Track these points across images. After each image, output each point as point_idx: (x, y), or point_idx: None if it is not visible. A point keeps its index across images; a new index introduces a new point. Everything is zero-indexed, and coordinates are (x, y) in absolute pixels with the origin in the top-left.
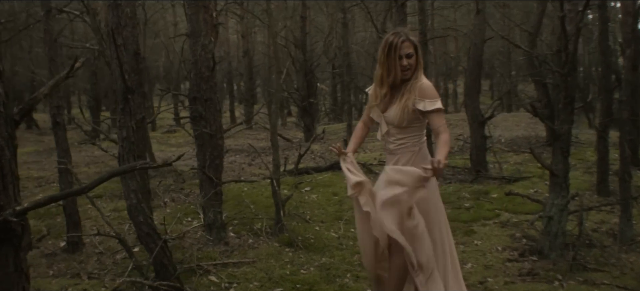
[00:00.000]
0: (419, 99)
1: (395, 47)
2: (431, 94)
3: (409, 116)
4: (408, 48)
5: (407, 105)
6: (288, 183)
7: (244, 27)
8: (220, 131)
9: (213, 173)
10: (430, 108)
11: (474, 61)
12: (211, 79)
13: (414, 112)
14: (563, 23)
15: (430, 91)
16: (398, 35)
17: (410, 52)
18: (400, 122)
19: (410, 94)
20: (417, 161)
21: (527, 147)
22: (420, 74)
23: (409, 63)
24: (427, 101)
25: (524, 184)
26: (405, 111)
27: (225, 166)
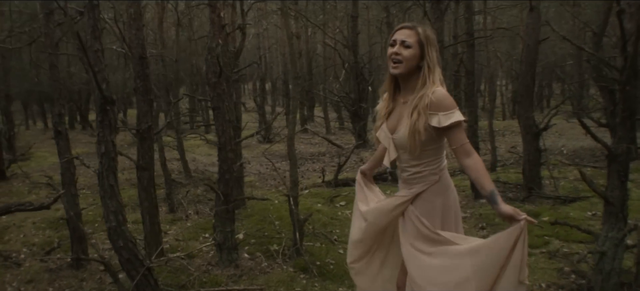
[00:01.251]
0: (431, 112)
1: (394, 29)
2: (447, 105)
3: (421, 139)
4: (405, 35)
5: (417, 126)
6: (324, 195)
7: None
8: (229, 142)
9: (223, 188)
10: (447, 123)
11: (526, 65)
12: (219, 86)
13: (427, 133)
14: (621, 20)
15: (445, 101)
16: (407, 23)
17: (406, 41)
18: (413, 148)
19: (421, 109)
20: (438, 194)
21: (591, 159)
22: (433, 81)
23: (401, 53)
24: (441, 114)
25: (581, 205)
26: (416, 134)
27: (267, 174)
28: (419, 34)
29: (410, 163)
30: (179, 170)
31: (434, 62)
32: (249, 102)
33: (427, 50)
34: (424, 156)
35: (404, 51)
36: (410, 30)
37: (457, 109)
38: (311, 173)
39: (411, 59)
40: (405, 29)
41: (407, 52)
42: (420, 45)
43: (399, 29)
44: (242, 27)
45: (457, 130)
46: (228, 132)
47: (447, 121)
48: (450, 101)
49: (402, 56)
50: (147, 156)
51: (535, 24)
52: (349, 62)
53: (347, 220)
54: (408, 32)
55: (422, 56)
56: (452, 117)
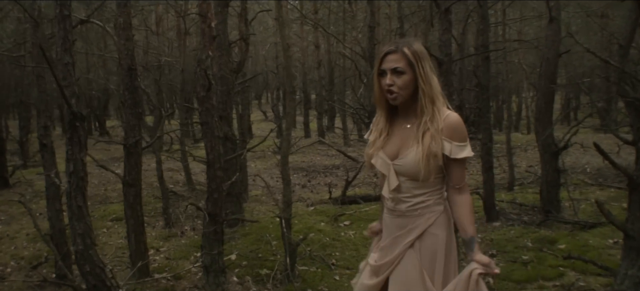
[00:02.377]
0: (446, 139)
1: (379, 58)
2: (461, 133)
3: (438, 163)
4: (393, 61)
5: (433, 150)
6: (329, 213)
7: (317, 36)
8: (218, 159)
9: (210, 207)
10: (459, 155)
11: (546, 79)
12: (207, 101)
13: (439, 159)
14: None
15: (460, 128)
16: (391, 44)
17: (397, 67)
18: (426, 174)
19: (435, 133)
20: (443, 226)
21: (616, 179)
22: (433, 98)
23: (396, 83)
24: (455, 143)
25: (602, 232)
26: (432, 158)
27: (276, 187)
28: (406, 56)
29: (414, 192)
30: (184, 182)
31: (429, 79)
32: (269, 112)
33: (418, 69)
34: (430, 184)
35: (397, 80)
36: (397, 55)
37: (468, 141)
38: (322, 187)
39: (407, 85)
40: (392, 53)
41: (400, 80)
42: (411, 67)
43: (385, 55)
44: (246, 38)
45: (463, 166)
46: (217, 149)
47: (460, 154)
48: (464, 129)
49: (397, 86)
50: (134, 171)
51: (555, 36)
52: (366, 74)
53: (349, 242)
54: (395, 57)
55: (416, 76)
56: (465, 150)
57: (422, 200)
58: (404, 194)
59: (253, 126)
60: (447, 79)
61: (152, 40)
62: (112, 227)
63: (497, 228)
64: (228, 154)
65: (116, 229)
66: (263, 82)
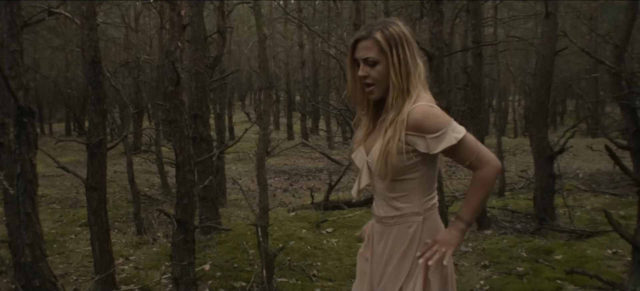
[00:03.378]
0: (413, 134)
1: (350, 46)
2: (432, 123)
3: (392, 162)
4: (365, 50)
5: (389, 147)
6: (310, 219)
7: (301, 36)
8: (189, 161)
9: (180, 214)
10: (439, 147)
11: (541, 78)
12: (176, 97)
13: (403, 157)
14: None
15: (429, 119)
16: (364, 28)
17: (369, 58)
18: (382, 172)
19: (396, 128)
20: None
21: (610, 185)
22: (407, 89)
23: (370, 75)
24: (428, 137)
25: (600, 241)
26: (387, 157)
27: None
28: (378, 42)
29: (389, 195)
30: (159, 185)
31: (406, 68)
32: (253, 113)
33: (391, 58)
34: (406, 186)
35: (371, 71)
36: (368, 41)
37: (449, 123)
38: (304, 191)
39: (383, 76)
40: (363, 40)
41: (374, 71)
42: (384, 55)
43: (355, 42)
44: (223, 31)
45: (460, 148)
46: (187, 150)
47: (440, 145)
48: (435, 117)
49: (371, 78)
50: (98, 173)
51: (552, 33)
52: None
53: (332, 251)
54: (367, 44)
55: (393, 66)
56: (445, 138)
57: (397, 206)
58: (379, 197)
59: (236, 128)
60: (438, 75)
61: (132, 37)
62: (80, 233)
63: (489, 236)
64: (203, 156)
65: (85, 235)
66: (247, 83)
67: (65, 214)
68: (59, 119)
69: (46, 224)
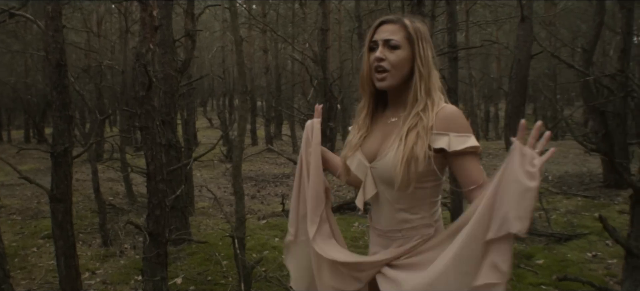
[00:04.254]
0: (438, 132)
1: (373, 27)
2: (460, 123)
3: (418, 169)
4: (389, 32)
5: (415, 151)
6: (283, 227)
7: (266, 41)
8: (161, 170)
9: (152, 226)
10: (460, 146)
11: (517, 82)
12: (147, 102)
13: (427, 163)
14: None
15: (458, 118)
16: (387, 16)
17: (392, 40)
18: (405, 182)
19: (421, 129)
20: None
21: (580, 187)
22: (429, 89)
23: (387, 58)
24: (453, 134)
25: (579, 244)
26: (413, 161)
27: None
28: (406, 27)
29: (396, 206)
30: (124, 194)
31: (429, 65)
32: (215, 118)
33: (418, 48)
34: (417, 196)
35: (389, 55)
36: (394, 25)
37: (471, 132)
38: (273, 198)
39: (402, 64)
40: (389, 23)
41: (394, 55)
42: (410, 43)
43: (380, 24)
44: (192, 34)
45: (472, 159)
46: (159, 158)
47: (461, 145)
48: (464, 120)
49: (388, 62)
50: (63, 184)
51: (527, 37)
52: (317, 79)
53: None
54: (392, 28)
55: (414, 56)
56: (469, 140)
57: (406, 218)
58: (384, 208)
59: (198, 134)
60: None
61: (94, 42)
62: (43, 246)
63: None
64: (172, 164)
65: (48, 248)
66: (208, 88)
67: (26, 225)
68: (17, 126)
69: (7, 237)
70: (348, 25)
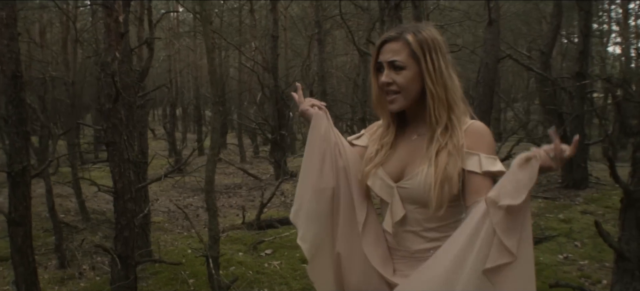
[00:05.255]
0: (469, 151)
1: (376, 47)
2: (489, 142)
3: (453, 191)
4: (391, 53)
5: (448, 172)
6: (245, 240)
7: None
8: (129, 188)
9: (121, 249)
10: (491, 168)
11: (485, 86)
12: (114, 115)
13: (456, 184)
14: None
15: (487, 136)
16: (394, 29)
17: (396, 61)
18: (439, 204)
19: (453, 149)
20: None
21: (539, 189)
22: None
23: (395, 81)
24: (483, 156)
25: (549, 247)
26: (447, 183)
27: (177, 212)
28: (409, 45)
29: (425, 225)
30: (76, 210)
31: (442, 78)
32: (158, 129)
33: (426, 64)
34: (447, 215)
35: (396, 77)
36: (397, 43)
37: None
38: (228, 209)
39: (410, 84)
40: (391, 42)
41: (401, 77)
42: (416, 60)
43: (382, 44)
44: (150, 42)
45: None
46: (127, 176)
47: (493, 166)
48: (491, 137)
49: (397, 85)
50: (22, 206)
51: (495, 40)
52: (268, 86)
53: (276, 275)
54: (395, 47)
55: (422, 73)
56: (497, 163)
57: (435, 237)
58: (412, 228)
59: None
60: None
61: (36, 53)
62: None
63: None
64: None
65: (1, 272)
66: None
67: None
68: None
69: None
70: (292, 33)
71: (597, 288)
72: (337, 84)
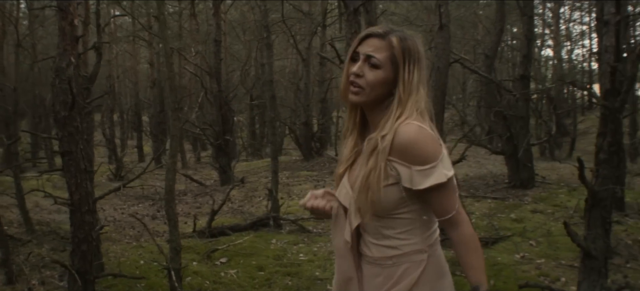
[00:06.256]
0: (398, 162)
1: (358, 38)
2: (420, 151)
3: (380, 201)
4: (372, 48)
5: (370, 180)
6: (198, 249)
7: (152, 54)
8: (87, 200)
9: (78, 264)
10: (427, 182)
11: (436, 90)
12: (70, 123)
13: (392, 191)
14: (617, 34)
15: (418, 145)
16: (382, 27)
17: (374, 58)
18: (365, 210)
19: (380, 153)
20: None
21: (486, 189)
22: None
23: (364, 75)
24: (415, 169)
25: (506, 247)
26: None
27: (123, 221)
28: (392, 48)
29: (383, 232)
30: (19, 222)
31: (412, 86)
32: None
33: (403, 72)
34: (403, 222)
35: (368, 72)
36: (381, 41)
37: (440, 155)
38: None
39: (378, 84)
40: (376, 37)
41: (372, 74)
42: (393, 64)
43: (366, 37)
44: (98, 47)
45: (440, 193)
46: (84, 186)
47: (426, 181)
48: (424, 143)
49: (365, 80)
50: None
51: (446, 44)
52: (212, 91)
53: (233, 284)
54: (378, 44)
55: (396, 80)
56: (434, 173)
57: (394, 245)
58: (371, 235)
59: None
60: None
61: None
62: None
63: None
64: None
65: None
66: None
67: None
68: None
69: None
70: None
71: (557, 286)
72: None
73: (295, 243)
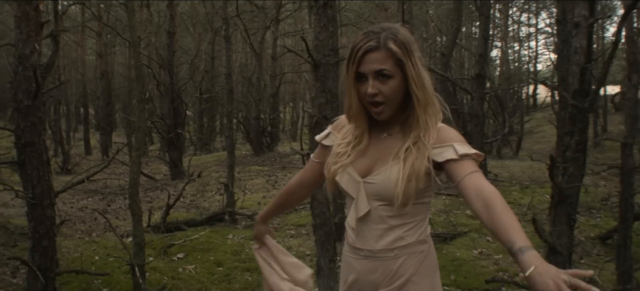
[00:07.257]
0: (439, 145)
1: (354, 57)
2: (457, 136)
3: (420, 186)
4: (378, 63)
5: (416, 167)
6: (154, 245)
7: (101, 45)
8: (48, 194)
9: (39, 260)
10: (463, 151)
11: None
12: (34, 113)
13: (426, 179)
14: (590, 36)
15: (457, 134)
16: (368, 36)
17: (383, 70)
18: (405, 198)
19: (422, 145)
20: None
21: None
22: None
23: (382, 91)
24: (457, 144)
25: (464, 243)
26: (413, 178)
27: (73, 215)
28: (393, 53)
29: (391, 223)
30: None
31: (421, 79)
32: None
33: (409, 70)
34: (414, 212)
35: (383, 87)
36: (380, 53)
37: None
38: (127, 212)
39: (396, 93)
40: (373, 51)
41: (387, 86)
42: (399, 67)
43: (365, 53)
44: (56, 35)
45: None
46: (46, 180)
47: (469, 150)
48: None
49: (382, 95)
50: None
51: None
52: (164, 83)
53: (192, 279)
54: (379, 56)
55: (407, 78)
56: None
57: (400, 235)
58: (376, 226)
59: None
60: (324, 84)
61: None
62: None
63: None
64: None
65: None
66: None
67: None
68: None
69: None
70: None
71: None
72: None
73: (252, 238)
